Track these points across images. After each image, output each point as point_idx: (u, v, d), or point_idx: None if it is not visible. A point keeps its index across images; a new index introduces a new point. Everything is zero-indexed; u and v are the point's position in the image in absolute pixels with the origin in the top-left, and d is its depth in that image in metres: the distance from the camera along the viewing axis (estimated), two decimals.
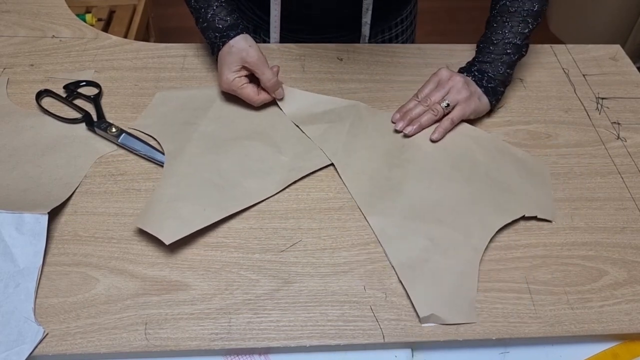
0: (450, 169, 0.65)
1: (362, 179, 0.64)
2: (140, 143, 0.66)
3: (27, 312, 0.51)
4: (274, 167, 0.65)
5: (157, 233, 0.55)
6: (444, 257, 0.56)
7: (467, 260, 0.56)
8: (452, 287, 0.54)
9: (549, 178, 0.66)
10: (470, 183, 0.64)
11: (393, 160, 0.66)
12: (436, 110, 0.69)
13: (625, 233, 0.61)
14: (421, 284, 0.54)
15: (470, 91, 0.70)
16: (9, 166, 0.63)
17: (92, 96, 0.72)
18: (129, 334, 0.50)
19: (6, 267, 0.53)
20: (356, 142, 0.68)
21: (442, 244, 0.57)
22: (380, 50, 0.84)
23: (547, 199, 0.64)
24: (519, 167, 0.67)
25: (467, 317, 0.52)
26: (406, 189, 0.62)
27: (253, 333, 0.51)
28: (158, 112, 0.71)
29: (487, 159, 0.67)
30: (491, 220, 0.60)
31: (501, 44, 0.72)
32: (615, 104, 0.78)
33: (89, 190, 0.62)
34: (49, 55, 0.79)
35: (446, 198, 0.62)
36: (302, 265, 0.56)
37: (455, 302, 0.53)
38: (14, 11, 0.85)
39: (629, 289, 0.56)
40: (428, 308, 0.52)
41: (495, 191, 0.63)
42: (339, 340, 0.51)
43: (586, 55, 0.86)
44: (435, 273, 0.55)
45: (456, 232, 0.58)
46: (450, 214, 0.60)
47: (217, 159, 0.64)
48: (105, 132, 0.67)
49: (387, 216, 0.60)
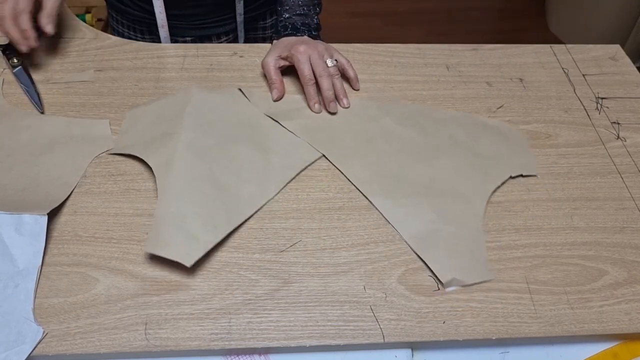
0: (432, 149, 0.69)
1: (356, 164, 0.66)
2: (28, 82, 0.73)
3: (26, 313, 0.51)
4: (268, 169, 0.64)
5: (177, 257, 0.53)
6: (451, 225, 0.60)
7: (471, 225, 0.60)
8: (464, 251, 0.58)
9: (526, 142, 0.71)
10: (454, 158, 0.67)
11: (378, 146, 0.68)
12: (334, 72, 0.73)
13: (625, 233, 0.61)
14: (436, 252, 0.57)
15: (319, 42, 0.76)
16: (6, 166, 0.63)
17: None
18: (129, 334, 0.50)
19: (5, 268, 0.53)
20: (338, 130, 0.70)
21: (447, 215, 0.61)
22: (380, 50, 0.84)
23: (528, 158, 0.68)
24: (495, 135, 0.71)
25: (484, 276, 0.56)
26: (399, 171, 0.66)
27: (253, 333, 0.51)
28: (134, 131, 0.68)
29: (464, 134, 0.71)
30: (483, 187, 0.64)
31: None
32: (615, 103, 0.78)
33: (89, 191, 0.62)
34: (49, 55, 0.79)
35: (437, 174, 0.65)
36: (302, 265, 0.56)
37: (471, 265, 0.57)
38: None
39: (629, 289, 0.56)
40: (449, 273, 0.55)
41: (478, 160, 0.67)
42: (339, 340, 0.51)
43: (586, 55, 0.86)
44: (447, 241, 0.58)
45: (456, 202, 0.62)
46: (446, 187, 0.64)
47: (208, 169, 0.62)
48: (8, 60, 0.74)
49: (390, 196, 0.62)
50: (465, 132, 0.71)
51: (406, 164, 0.66)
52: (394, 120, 0.72)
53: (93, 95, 0.73)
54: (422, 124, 0.72)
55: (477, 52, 0.85)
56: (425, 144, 0.69)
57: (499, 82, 0.80)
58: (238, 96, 0.74)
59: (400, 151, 0.68)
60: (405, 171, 0.65)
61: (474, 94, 0.78)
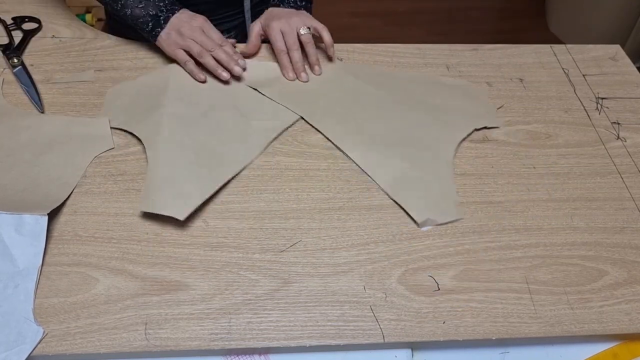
0: (399, 105, 0.74)
1: (332, 122, 0.71)
2: (28, 82, 0.72)
3: (26, 313, 0.51)
4: (249, 132, 0.69)
5: (169, 212, 0.58)
6: (423, 172, 0.65)
7: (441, 171, 0.66)
8: (436, 194, 0.63)
9: (486, 95, 0.76)
10: (419, 112, 0.73)
11: (350, 106, 0.73)
12: (308, 39, 0.76)
13: (625, 233, 0.61)
14: (410, 196, 0.63)
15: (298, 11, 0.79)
16: (6, 166, 0.63)
17: (26, 29, 0.79)
18: (129, 334, 0.50)
19: (5, 268, 0.53)
20: (313, 94, 0.75)
21: (418, 162, 0.66)
22: (380, 50, 0.84)
23: (489, 110, 0.73)
24: (454, 90, 0.77)
25: (456, 215, 0.61)
26: (371, 126, 0.71)
27: (253, 333, 0.51)
28: (117, 106, 0.72)
29: (423, 90, 0.76)
30: (450, 137, 0.70)
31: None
32: (615, 104, 0.78)
33: (89, 190, 0.62)
34: (49, 55, 0.79)
35: (405, 127, 0.71)
36: (302, 266, 0.56)
37: (442, 206, 0.62)
38: (14, 11, 0.85)
39: (628, 289, 0.56)
40: (423, 214, 0.60)
41: (443, 114, 0.73)
42: (339, 340, 0.51)
43: (586, 55, 0.86)
44: (419, 185, 0.64)
45: (425, 151, 0.68)
46: (413, 138, 0.69)
47: (193, 135, 0.67)
48: (9, 60, 0.75)
49: (365, 149, 0.68)
50: (427, 89, 0.77)
51: (377, 119, 0.72)
52: (363, 81, 0.77)
53: (93, 95, 0.73)
54: (388, 83, 0.77)
55: (477, 52, 0.85)
56: (393, 101, 0.74)
57: (499, 82, 0.80)
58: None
59: (370, 108, 0.73)
60: (376, 126, 0.71)
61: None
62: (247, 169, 0.65)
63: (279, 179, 0.65)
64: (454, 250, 0.58)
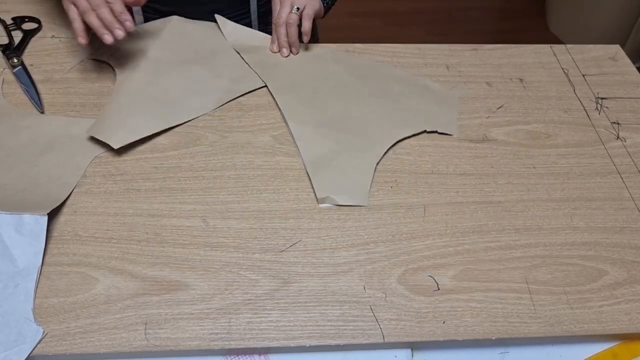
0: (367, 94, 0.75)
1: (290, 94, 0.74)
2: (28, 82, 0.73)
3: (26, 313, 0.51)
4: (212, 88, 0.74)
5: (107, 139, 0.64)
6: (348, 157, 0.67)
7: (367, 160, 0.67)
8: (349, 178, 0.64)
9: (456, 105, 0.75)
10: (382, 105, 0.74)
11: (317, 85, 0.76)
12: (292, 20, 0.78)
13: (625, 233, 0.61)
14: (324, 174, 0.64)
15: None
16: (6, 166, 0.63)
17: (26, 29, 0.81)
18: (129, 334, 0.50)
19: (5, 268, 0.53)
20: (288, 68, 0.79)
21: (348, 147, 0.68)
22: (380, 50, 0.84)
23: (451, 118, 0.73)
24: (428, 94, 0.77)
25: (359, 201, 0.62)
26: (327, 105, 0.73)
27: (253, 333, 0.51)
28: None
29: (401, 88, 0.77)
30: (394, 132, 0.70)
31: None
32: (615, 104, 0.78)
33: (89, 190, 0.62)
34: (49, 55, 0.79)
35: (359, 114, 0.73)
36: (302, 265, 0.56)
37: (350, 190, 0.63)
38: (14, 11, 0.85)
39: (628, 289, 0.56)
40: (325, 191, 0.62)
41: (402, 111, 0.74)
42: (339, 340, 0.51)
43: (586, 55, 0.86)
44: (337, 168, 0.65)
45: (361, 139, 0.69)
46: (360, 125, 0.71)
47: (161, 80, 0.73)
48: (8, 60, 0.75)
49: (305, 123, 0.70)
50: (402, 88, 0.77)
51: (337, 102, 0.74)
52: (342, 67, 0.79)
53: (93, 95, 0.73)
54: (366, 74, 0.79)
55: (477, 52, 0.85)
56: (360, 90, 0.76)
57: (499, 82, 0.80)
58: (214, 27, 0.83)
59: (336, 92, 0.75)
60: (329, 107, 0.73)
61: (473, 94, 0.78)
62: (247, 169, 0.65)
63: (279, 179, 0.65)
64: (454, 250, 0.59)
